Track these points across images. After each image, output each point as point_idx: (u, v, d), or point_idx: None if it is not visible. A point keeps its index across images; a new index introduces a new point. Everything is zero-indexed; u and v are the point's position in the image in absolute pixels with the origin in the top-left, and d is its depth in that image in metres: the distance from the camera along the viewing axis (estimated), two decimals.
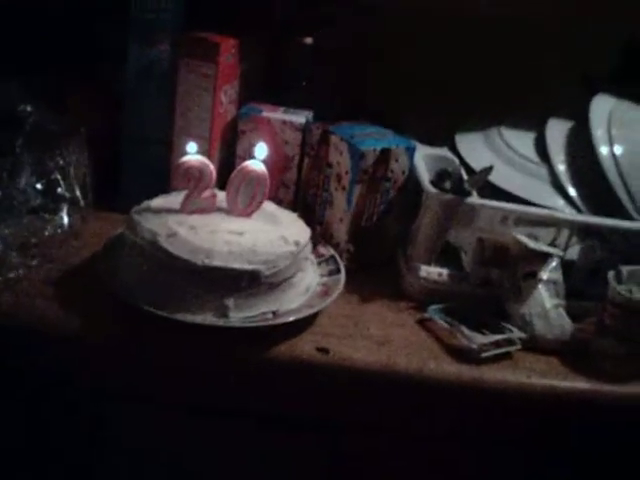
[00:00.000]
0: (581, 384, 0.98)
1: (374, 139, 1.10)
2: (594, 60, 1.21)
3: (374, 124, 1.14)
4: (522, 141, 1.19)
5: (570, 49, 1.26)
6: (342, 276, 1.04)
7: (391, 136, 1.13)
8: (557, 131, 1.19)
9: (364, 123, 1.15)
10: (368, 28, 1.28)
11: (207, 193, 1.02)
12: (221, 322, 0.94)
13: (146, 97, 1.14)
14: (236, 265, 0.94)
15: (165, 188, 1.10)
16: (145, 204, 1.02)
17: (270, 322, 0.95)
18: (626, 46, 1.26)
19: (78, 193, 1.08)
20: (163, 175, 1.13)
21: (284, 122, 1.14)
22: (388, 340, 1.00)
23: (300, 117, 1.15)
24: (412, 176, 1.12)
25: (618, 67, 1.24)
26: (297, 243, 0.99)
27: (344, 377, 0.95)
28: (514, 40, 1.28)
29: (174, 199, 1.03)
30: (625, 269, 1.01)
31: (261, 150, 1.02)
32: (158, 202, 1.03)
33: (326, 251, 1.10)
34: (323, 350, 0.96)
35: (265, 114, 1.14)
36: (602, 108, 1.16)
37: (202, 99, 1.13)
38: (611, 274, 1.01)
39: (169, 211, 1.01)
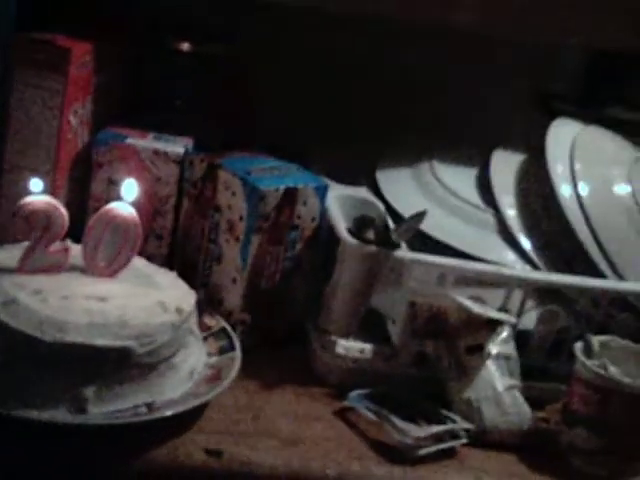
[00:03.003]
0: None
1: (276, 176, 1.13)
2: (548, 77, 1.28)
3: (274, 156, 1.18)
4: (460, 179, 1.24)
5: (519, 62, 1.34)
6: (237, 355, 1.06)
7: (297, 172, 1.16)
8: (505, 166, 1.24)
9: (261, 155, 1.18)
10: (266, 33, 1.33)
11: (57, 246, 1.01)
12: (78, 419, 0.93)
13: None
14: (99, 341, 0.93)
15: None
16: None
17: (144, 418, 0.95)
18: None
19: None
20: None
21: (156, 152, 1.15)
22: (299, 438, 1.01)
23: (177, 146, 1.17)
24: (324, 224, 1.15)
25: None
26: (180, 311, 1.00)
27: None
28: (447, 51, 1.35)
29: (8, 254, 1.02)
30: (596, 339, 1.05)
31: (130, 189, 1.03)
32: None
33: (214, 322, 1.11)
34: (214, 453, 0.96)
35: (130, 141, 1.15)
36: (563, 136, 1.22)
37: (44, 122, 1.13)
38: (578, 346, 1.04)
39: (3, 270, 1.00)
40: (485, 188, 1.22)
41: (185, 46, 1.26)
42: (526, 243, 1.17)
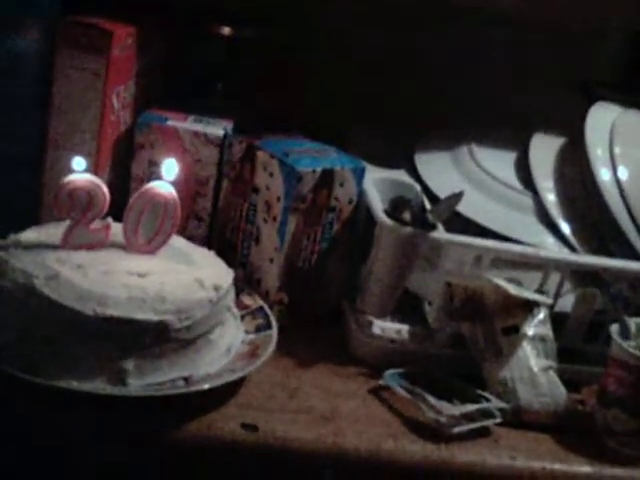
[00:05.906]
0: (580, 467, 1.03)
1: (313, 157, 1.17)
2: (589, 63, 1.31)
3: (311, 139, 1.22)
4: (499, 162, 1.27)
5: (561, 47, 1.35)
6: (274, 332, 1.09)
7: (334, 154, 1.20)
8: (544, 150, 1.27)
9: (299, 137, 1.22)
10: (304, 18, 1.36)
11: (98, 223, 1.05)
12: (117, 391, 0.96)
13: (9, 101, 1.16)
14: (138, 315, 0.97)
15: (35, 219, 1.15)
16: (13, 238, 1.05)
17: (181, 390, 0.98)
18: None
19: None
20: (31, 202, 1.18)
21: (196, 134, 1.18)
22: (334, 414, 1.04)
23: (217, 128, 1.20)
24: (361, 205, 1.18)
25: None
26: (217, 288, 1.03)
27: (277, 461, 0.99)
28: (489, 35, 1.38)
29: (52, 232, 1.06)
30: (633, 321, 1.08)
31: (170, 168, 1.06)
32: (31, 235, 1.06)
33: (252, 301, 1.14)
34: (250, 427, 0.99)
35: (171, 123, 1.19)
36: (602, 121, 1.24)
37: (87, 103, 1.17)
38: (615, 328, 1.07)
39: (47, 247, 1.03)
40: (524, 172, 1.26)
41: (225, 30, 1.29)
42: (565, 226, 1.20)
